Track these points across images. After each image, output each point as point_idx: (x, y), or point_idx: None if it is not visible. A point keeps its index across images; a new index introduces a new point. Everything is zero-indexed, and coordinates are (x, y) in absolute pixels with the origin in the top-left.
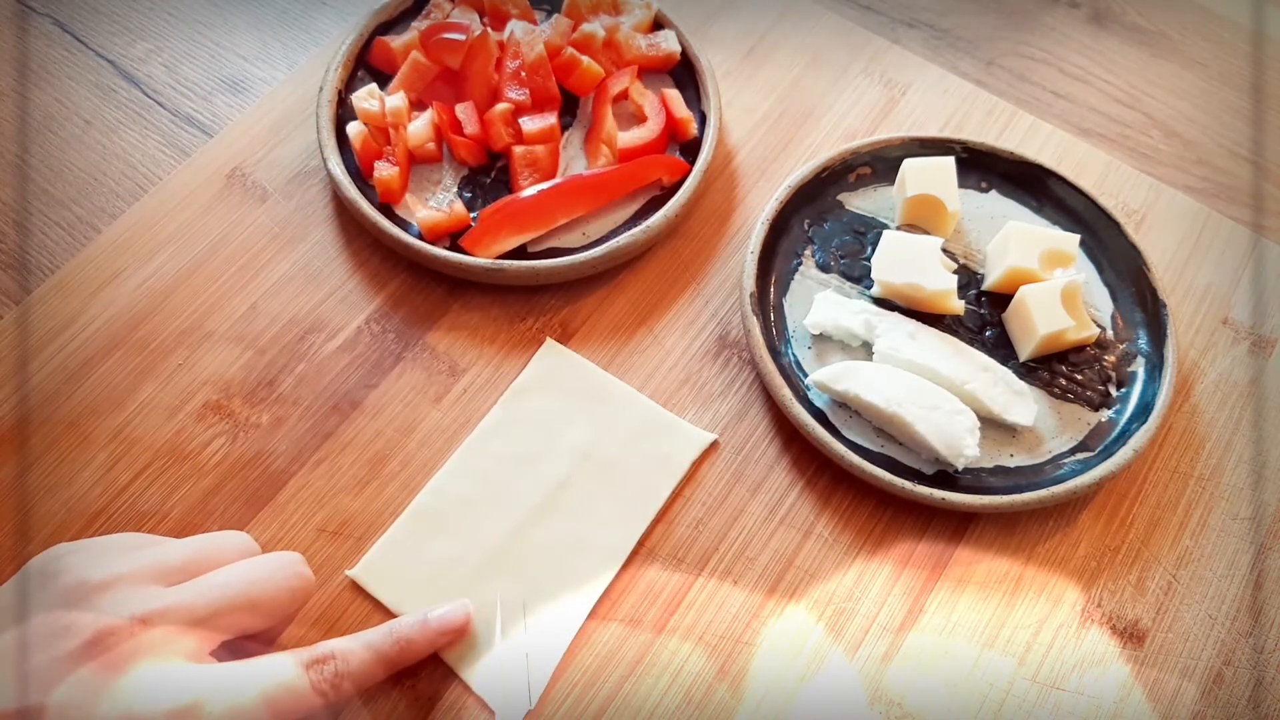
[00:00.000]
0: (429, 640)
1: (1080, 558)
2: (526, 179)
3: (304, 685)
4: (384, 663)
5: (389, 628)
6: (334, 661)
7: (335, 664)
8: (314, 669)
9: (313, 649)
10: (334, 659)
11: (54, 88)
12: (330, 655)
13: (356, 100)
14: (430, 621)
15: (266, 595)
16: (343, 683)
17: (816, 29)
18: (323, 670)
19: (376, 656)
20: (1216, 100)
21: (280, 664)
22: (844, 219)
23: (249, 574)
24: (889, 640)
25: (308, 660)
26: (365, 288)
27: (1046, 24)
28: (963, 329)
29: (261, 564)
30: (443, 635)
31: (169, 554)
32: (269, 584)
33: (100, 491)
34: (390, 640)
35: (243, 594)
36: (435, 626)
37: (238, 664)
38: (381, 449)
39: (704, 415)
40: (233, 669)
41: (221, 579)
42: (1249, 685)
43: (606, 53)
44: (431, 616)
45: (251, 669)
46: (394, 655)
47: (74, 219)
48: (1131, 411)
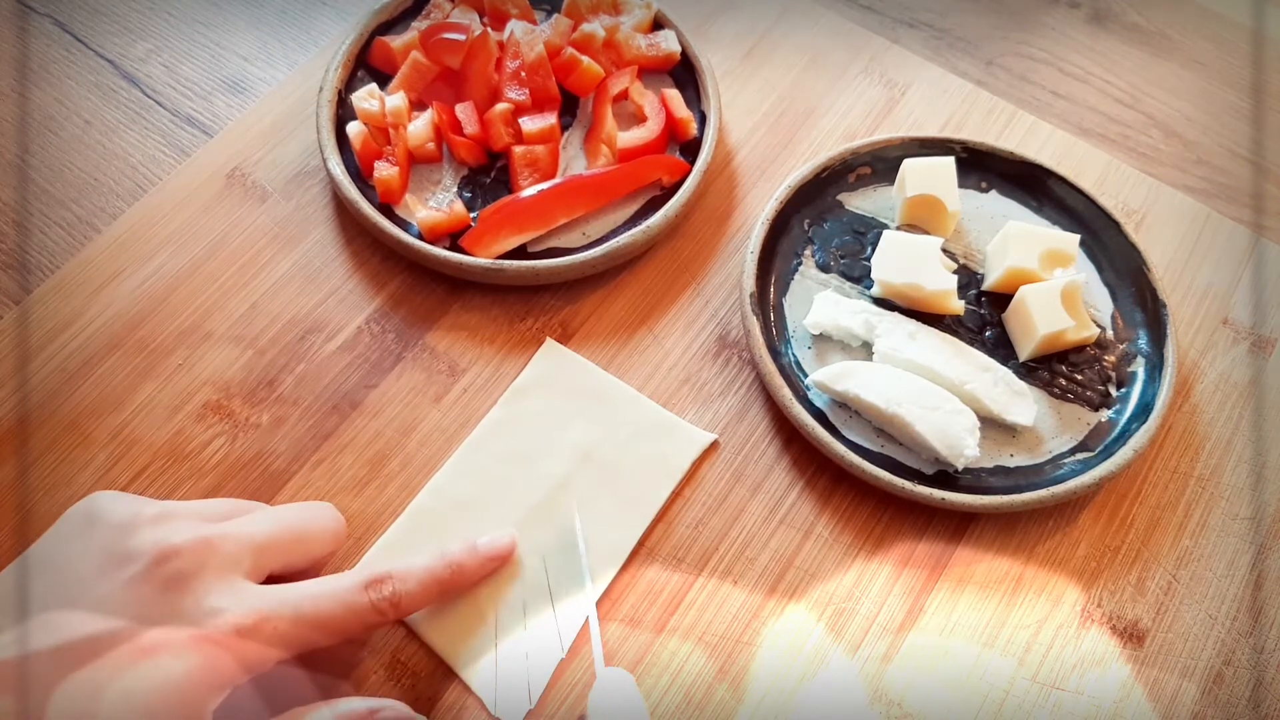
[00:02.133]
0: (478, 565)
1: (1080, 558)
2: (526, 179)
3: (364, 603)
4: (438, 585)
5: (440, 553)
6: (391, 582)
7: (393, 584)
8: (373, 589)
9: (371, 571)
10: (391, 580)
11: (54, 88)
12: (388, 576)
13: (356, 100)
14: (479, 547)
15: (312, 532)
16: (400, 602)
17: (816, 29)
18: (381, 590)
19: (431, 578)
20: (1216, 100)
21: (342, 583)
22: (844, 219)
23: (293, 513)
24: (889, 640)
25: (367, 580)
26: (365, 288)
27: (1046, 24)
28: (963, 329)
29: (301, 507)
30: (491, 560)
31: (210, 504)
32: (313, 522)
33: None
34: (443, 564)
35: (291, 528)
36: (484, 552)
37: (300, 584)
38: (381, 449)
39: (704, 415)
40: (296, 587)
41: (271, 513)
42: (1249, 685)
43: (606, 53)
44: (480, 542)
45: (314, 587)
46: (447, 578)
47: (74, 219)
48: (1131, 411)
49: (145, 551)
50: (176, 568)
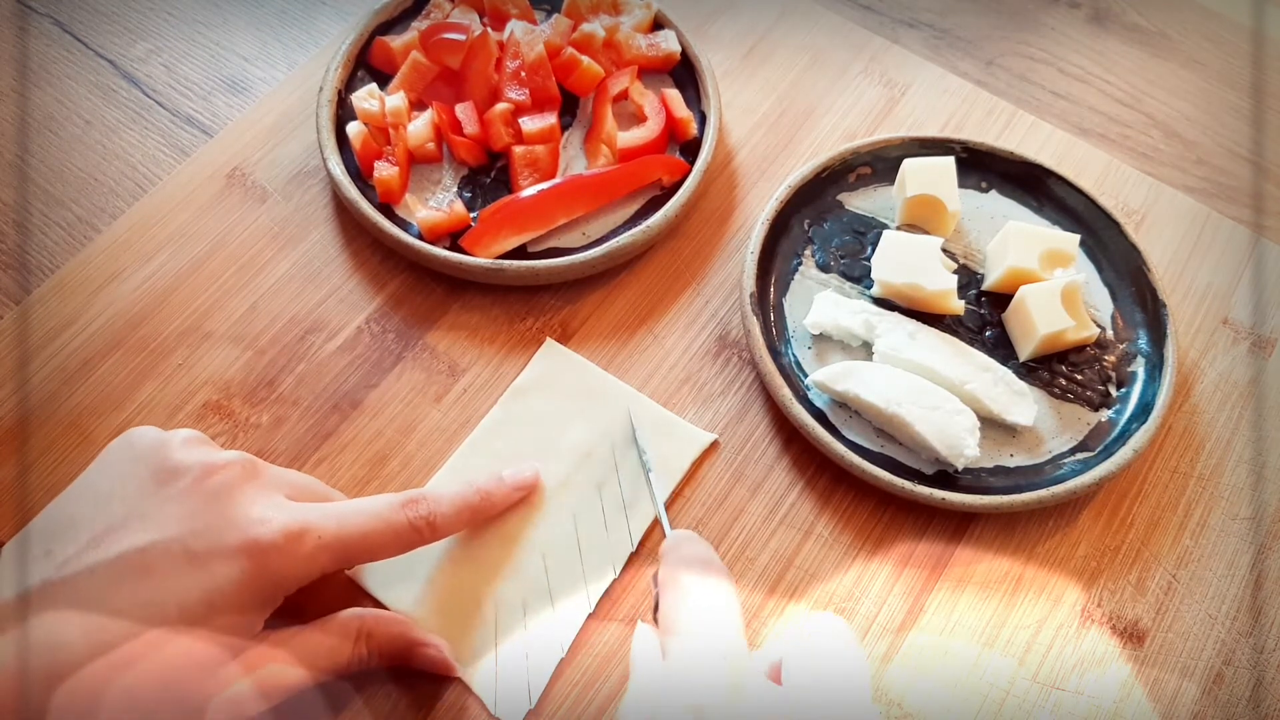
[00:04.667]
0: (505, 494)
1: (1080, 558)
2: (526, 179)
3: (402, 520)
4: (469, 508)
5: (470, 482)
6: (427, 503)
7: (429, 504)
8: (410, 508)
9: (405, 493)
10: (426, 501)
11: (54, 88)
12: (422, 498)
13: (356, 100)
14: (506, 478)
15: (334, 493)
16: (435, 520)
17: (816, 29)
18: (417, 509)
19: (463, 501)
20: (1216, 100)
21: (381, 501)
22: (844, 219)
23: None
24: (889, 640)
25: (405, 500)
26: (365, 288)
27: (1046, 24)
28: (963, 329)
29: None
30: (517, 490)
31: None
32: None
33: None
34: (472, 491)
35: (316, 483)
36: (510, 482)
37: (340, 501)
38: (381, 449)
39: (704, 415)
40: (336, 505)
41: (300, 475)
42: (1249, 685)
43: (606, 53)
44: (506, 474)
45: (355, 504)
46: (476, 503)
47: (74, 219)
48: (1131, 411)
49: (191, 466)
50: (222, 479)
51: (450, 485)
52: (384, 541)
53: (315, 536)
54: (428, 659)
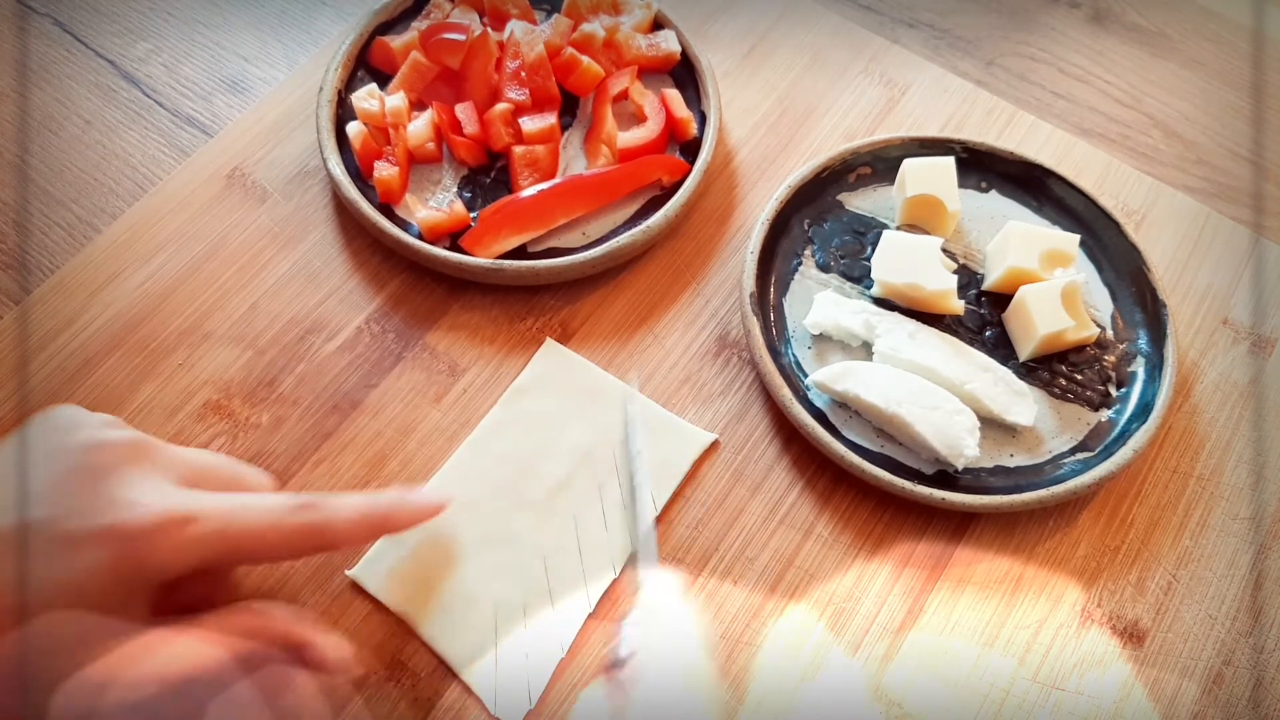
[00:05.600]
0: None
1: (1080, 558)
2: (526, 179)
3: (293, 525)
4: (366, 524)
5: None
6: (322, 510)
7: (323, 512)
8: (303, 512)
9: (302, 497)
10: (322, 508)
11: (54, 88)
12: (319, 504)
13: (356, 100)
14: (409, 500)
15: (249, 477)
16: (326, 531)
17: (816, 29)
18: (309, 515)
19: (361, 516)
20: (1216, 100)
21: (272, 500)
22: (844, 219)
23: (234, 463)
24: (889, 640)
25: (300, 504)
26: (365, 288)
27: (1046, 24)
28: (963, 329)
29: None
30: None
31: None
32: (249, 471)
33: None
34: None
35: (228, 466)
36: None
37: (231, 494)
38: (381, 449)
39: (704, 415)
40: (228, 497)
41: (211, 456)
42: (1249, 685)
43: (606, 53)
44: (411, 496)
45: (245, 499)
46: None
47: (74, 219)
48: (1131, 411)
49: (78, 446)
50: (105, 459)
51: (352, 498)
52: (272, 544)
53: (196, 529)
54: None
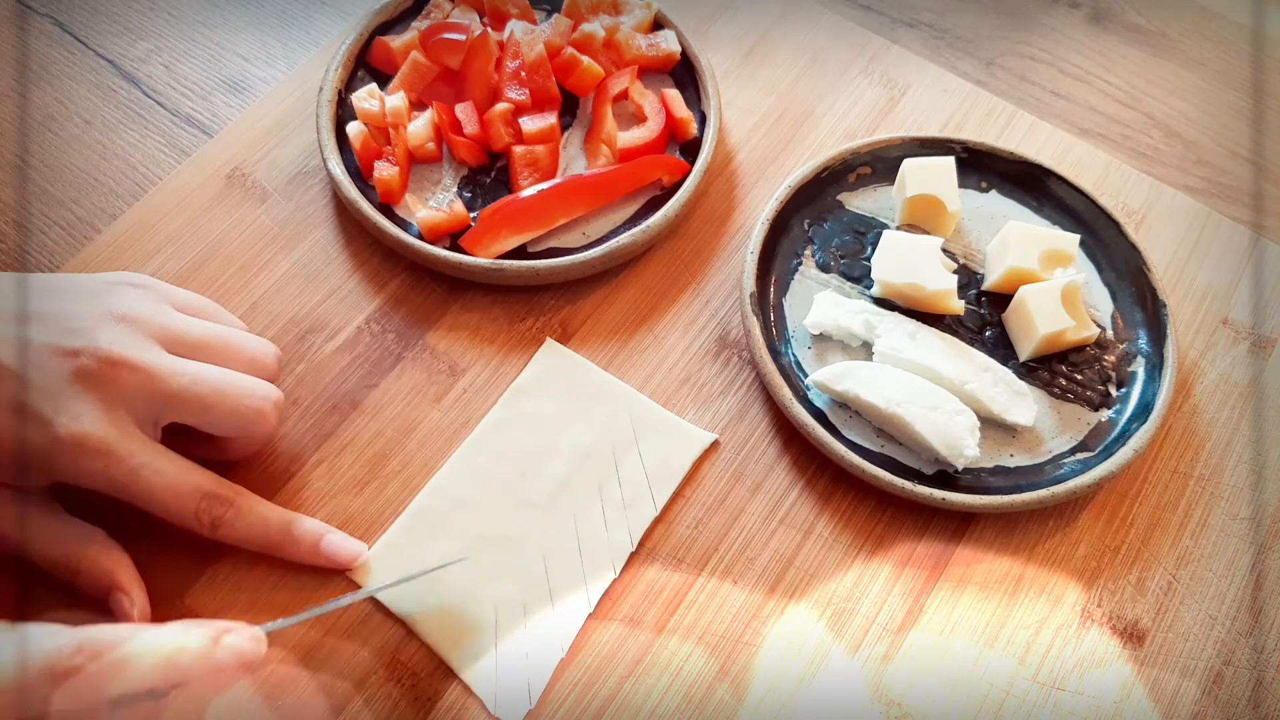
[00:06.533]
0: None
1: (1080, 558)
2: (526, 179)
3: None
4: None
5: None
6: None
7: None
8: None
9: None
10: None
11: (54, 88)
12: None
13: (356, 100)
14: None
15: (224, 408)
16: (220, 529)
17: (816, 29)
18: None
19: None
20: (1216, 100)
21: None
22: (844, 219)
23: (223, 381)
24: (889, 640)
25: (210, 493)
26: (365, 288)
27: (1046, 24)
28: (963, 329)
29: (240, 380)
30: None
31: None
32: (231, 400)
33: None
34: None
35: (204, 396)
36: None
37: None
38: (381, 449)
39: (704, 415)
40: (151, 452)
41: (197, 371)
42: (1249, 685)
43: (606, 53)
44: (327, 539)
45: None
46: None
47: (74, 219)
48: (1131, 411)
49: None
50: (94, 367)
51: (272, 510)
52: (163, 507)
53: (103, 462)
54: (116, 605)
